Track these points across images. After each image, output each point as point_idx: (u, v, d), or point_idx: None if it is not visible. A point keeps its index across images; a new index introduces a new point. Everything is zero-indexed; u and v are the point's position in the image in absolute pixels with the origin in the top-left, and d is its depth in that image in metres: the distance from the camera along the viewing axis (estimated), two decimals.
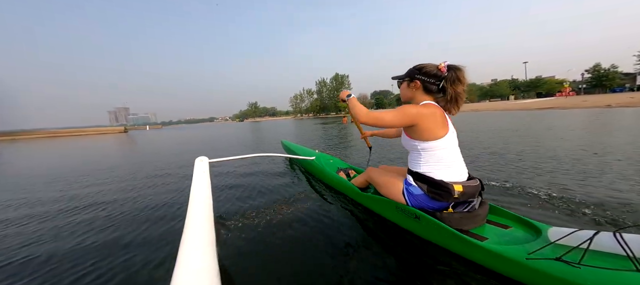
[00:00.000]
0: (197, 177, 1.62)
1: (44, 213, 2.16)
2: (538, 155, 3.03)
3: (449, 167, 1.21)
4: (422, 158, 1.24)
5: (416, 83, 1.26)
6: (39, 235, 1.72)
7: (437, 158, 1.21)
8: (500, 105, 28.22)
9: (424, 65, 1.25)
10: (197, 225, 1.03)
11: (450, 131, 1.21)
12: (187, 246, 0.87)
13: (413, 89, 1.28)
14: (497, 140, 4.39)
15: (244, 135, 11.08)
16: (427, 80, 1.22)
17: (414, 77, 1.26)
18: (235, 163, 3.58)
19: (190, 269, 0.75)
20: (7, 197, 2.75)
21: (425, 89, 1.25)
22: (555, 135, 4.56)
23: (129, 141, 12.19)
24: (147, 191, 2.64)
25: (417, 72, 1.25)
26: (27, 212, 2.21)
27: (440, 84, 1.21)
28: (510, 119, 9.05)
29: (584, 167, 2.41)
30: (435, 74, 1.21)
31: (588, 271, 0.80)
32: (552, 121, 7.24)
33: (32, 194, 2.84)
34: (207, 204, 1.28)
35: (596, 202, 1.63)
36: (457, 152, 1.26)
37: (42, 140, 18.64)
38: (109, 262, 1.32)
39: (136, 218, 1.90)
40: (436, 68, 1.22)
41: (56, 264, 1.34)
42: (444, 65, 1.20)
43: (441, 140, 1.18)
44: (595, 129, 5.23)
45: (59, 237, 1.67)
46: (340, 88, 73.25)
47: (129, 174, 3.64)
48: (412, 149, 1.28)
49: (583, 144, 3.54)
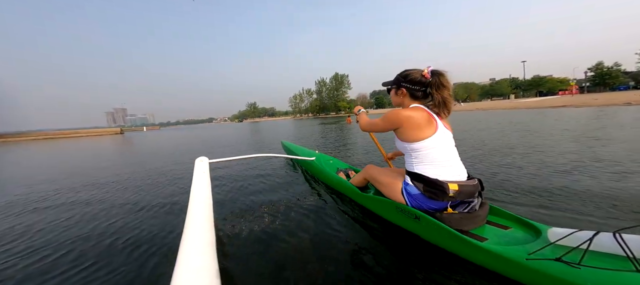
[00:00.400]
0: (197, 178, 1.62)
1: (42, 213, 2.16)
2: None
3: (443, 166, 1.23)
4: (414, 158, 1.28)
5: (402, 90, 1.33)
6: (39, 234, 1.72)
7: (430, 158, 1.23)
8: (505, 104, 27.67)
9: (409, 73, 1.31)
10: (197, 225, 1.03)
11: (439, 131, 1.23)
12: (187, 246, 0.87)
13: (401, 95, 1.36)
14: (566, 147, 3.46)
15: (244, 136, 11.01)
16: (412, 88, 1.30)
17: (400, 85, 1.34)
18: (235, 163, 3.58)
19: (190, 269, 0.75)
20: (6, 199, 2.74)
21: (411, 96, 1.32)
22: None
23: (125, 142, 12.16)
24: (147, 191, 2.64)
25: (403, 80, 1.32)
26: (21, 217, 2.21)
27: (425, 89, 1.28)
28: (534, 117, 8.84)
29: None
30: (419, 81, 1.28)
31: (588, 271, 0.80)
32: (591, 122, 6.33)
33: (28, 196, 2.84)
34: (207, 204, 1.29)
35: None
36: (451, 151, 1.27)
37: (32, 142, 18.11)
38: (108, 262, 1.32)
39: (136, 218, 1.90)
40: (421, 74, 1.27)
41: (56, 264, 1.34)
42: (427, 71, 1.25)
43: (428, 140, 1.21)
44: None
45: (59, 236, 1.67)
46: (340, 88, 72.98)
47: (128, 175, 3.64)
48: (404, 151, 1.33)
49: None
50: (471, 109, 21.97)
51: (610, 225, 1.36)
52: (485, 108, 22.04)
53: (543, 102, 21.72)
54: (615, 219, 1.41)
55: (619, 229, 0.83)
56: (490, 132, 5.67)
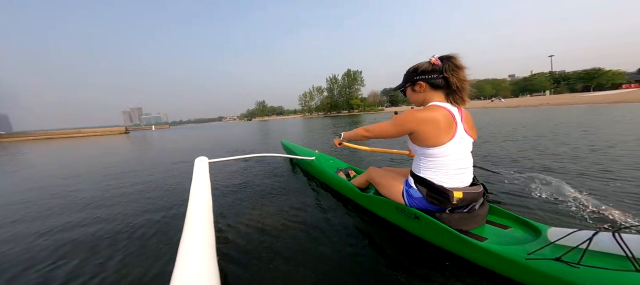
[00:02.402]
0: (197, 177, 1.62)
1: (40, 213, 2.16)
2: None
3: (453, 174, 1.16)
4: (423, 163, 1.21)
5: (421, 85, 1.20)
6: (37, 235, 1.72)
7: (440, 164, 1.16)
8: (591, 98, 21.46)
9: (418, 66, 1.21)
10: (196, 225, 1.04)
11: (458, 137, 1.13)
12: (186, 246, 0.87)
13: (419, 91, 1.22)
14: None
15: (254, 137, 10.26)
16: (430, 77, 1.16)
17: (416, 80, 1.21)
18: (235, 163, 3.58)
19: (189, 269, 0.75)
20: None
21: (432, 87, 1.18)
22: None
23: (129, 143, 12.10)
24: (147, 191, 2.64)
25: (416, 74, 1.20)
26: (25, 217, 2.21)
27: (442, 75, 1.14)
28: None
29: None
30: (433, 69, 1.16)
31: (587, 271, 0.80)
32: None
33: (26, 194, 2.84)
34: (207, 204, 1.29)
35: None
36: (466, 158, 1.19)
37: (32, 143, 17.69)
38: (107, 263, 1.32)
39: (135, 218, 1.90)
40: (429, 63, 1.17)
41: (55, 264, 1.34)
42: (435, 59, 1.16)
43: (444, 147, 1.12)
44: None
45: (58, 237, 1.67)
46: (353, 84, 71.04)
47: (128, 174, 3.64)
48: (416, 153, 1.26)
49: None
50: (537, 104, 18.61)
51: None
52: (558, 103, 18.68)
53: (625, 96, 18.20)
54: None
55: (619, 229, 0.83)
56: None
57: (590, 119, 6.75)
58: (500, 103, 31.72)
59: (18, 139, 27.32)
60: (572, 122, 6.43)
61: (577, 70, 61.86)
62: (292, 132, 11.16)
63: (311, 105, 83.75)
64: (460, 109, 1.19)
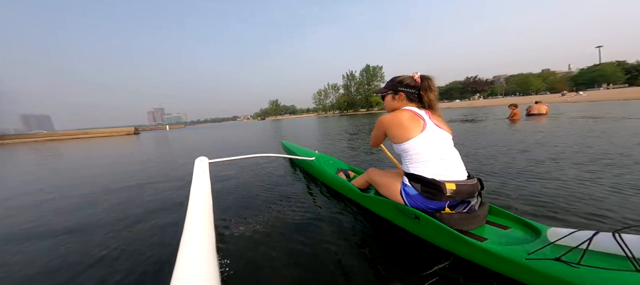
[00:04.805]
0: (197, 178, 1.62)
1: (39, 213, 2.17)
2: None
3: (439, 166, 1.25)
4: (407, 159, 1.32)
5: (400, 95, 1.41)
6: (37, 234, 1.72)
7: (423, 158, 1.26)
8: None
9: (402, 78, 1.41)
10: (196, 225, 1.04)
11: (428, 131, 1.27)
12: (186, 246, 0.87)
13: (398, 100, 1.43)
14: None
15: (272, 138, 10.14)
16: (409, 91, 1.38)
17: (398, 89, 1.41)
18: (235, 163, 3.58)
19: (190, 270, 0.75)
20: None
21: (408, 99, 1.40)
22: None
23: (136, 145, 12.05)
24: (146, 192, 2.64)
25: (399, 85, 1.40)
26: (25, 212, 2.21)
27: (418, 92, 1.37)
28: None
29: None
30: (413, 85, 1.37)
31: (587, 271, 0.80)
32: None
33: (25, 194, 2.84)
34: (207, 205, 1.29)
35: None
36: (447, 151, 1.29)
37: (32, 144, 17.61)
38: (107, 263, 1.32)
39: (135, 219, 1.90)
40: (412, 79, 1.38)
41: (54, 264, 1.34)
42: (417, 76, 1.37)
43: (415, 140, 1.25)
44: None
45: (57, 237, 1.67)
46: (372, 81, 66.76)
47: (128, 175, 3.64)
48: (399, 153, 1.38)
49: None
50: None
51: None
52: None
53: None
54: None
55: (619, 229, 0.83)
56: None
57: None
58: (579, 96, 28.24)
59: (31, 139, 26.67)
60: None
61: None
62: (314, 131, 9.80)
63: (326, 103, 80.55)
64: (427, 111, 1.36)
